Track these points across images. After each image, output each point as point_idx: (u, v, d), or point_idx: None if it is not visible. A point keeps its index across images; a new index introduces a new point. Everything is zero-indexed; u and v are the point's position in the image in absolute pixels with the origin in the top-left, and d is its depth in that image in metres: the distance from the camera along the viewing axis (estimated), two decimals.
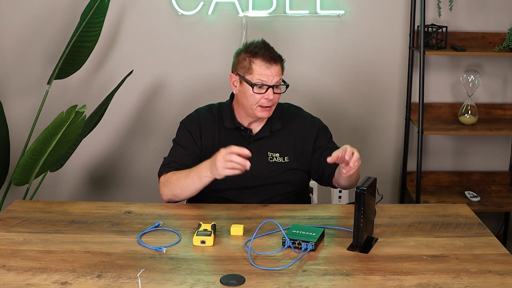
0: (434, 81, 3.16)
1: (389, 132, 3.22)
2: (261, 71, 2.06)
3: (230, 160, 1.87)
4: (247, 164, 1.86)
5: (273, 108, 2.12)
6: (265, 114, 2.11)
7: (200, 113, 2.23)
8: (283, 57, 2.13)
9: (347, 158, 1.86)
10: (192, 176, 2.02)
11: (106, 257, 1.67)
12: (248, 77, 2.08)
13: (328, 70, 3.11)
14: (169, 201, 2.11)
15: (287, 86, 2.13)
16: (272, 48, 2.12)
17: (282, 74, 2.13)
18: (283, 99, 2.33)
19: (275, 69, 2.07)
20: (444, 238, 1.80)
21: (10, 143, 2.91)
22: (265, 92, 2.06)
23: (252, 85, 2.06)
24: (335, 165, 2.14)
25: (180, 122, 2.24)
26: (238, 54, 2.14)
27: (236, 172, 1.88)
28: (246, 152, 1.87)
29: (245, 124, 2.18)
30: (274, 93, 2.07)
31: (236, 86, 2.14)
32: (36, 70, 3.08)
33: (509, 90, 3.19)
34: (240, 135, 2.18)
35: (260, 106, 2.08)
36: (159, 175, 2.16)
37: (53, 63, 2.93)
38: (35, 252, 1.69)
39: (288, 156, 2.17)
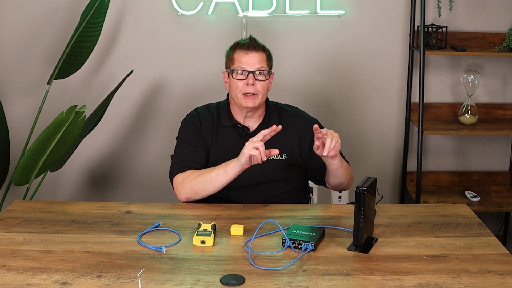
0: (434, 81, 3.16)
1: (389, 132, 3.22)
2: (240, 58, 2.12)
3: (257, 148, 1.92)
4: (265, 155, 1.93)
5: (259, 97, 2.12)
6: (250, 103, 2.11)
7: (199, 111, 2.24)
8: (266, 48, 2.16)
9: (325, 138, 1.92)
10: (217, 169, 2.03)
11: (106, 257, 1.67)
12: (231, 67, 2.14)
13: (328, 70, 3.11)
14: (186, 200, 2.10)
15: (270, 73, 2.16)
16: (255, 39, 2.17)
17: (269, 64, 2.16)
18: (285, 98, 2.34)
19: (255, 55, 2.11)
20: (444, 238, 1.80)
21: (10, 143, 2.91)
22: (246, 78, 2.10)
23: (232, 71, 2.11)
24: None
25: (182, 122, 2.25)
26: (226, 52, 2.21)
27: (257, 153, 1.91)
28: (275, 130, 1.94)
29: (241, 121, 2.19)
30: (255, 79, 2.10)
31: (227, 83, 2.20)
32: (36, 70, 3.08)
33: (509, 90, 3.19)
34: (237, 133, 2.19)
35: (243, 94, 2.11)
36: (173, 174, 2.14)
37: (53, 63, 2.94)
38: (35, 252, 1.69)
39: (286, 154, 2.18)
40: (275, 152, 1.94)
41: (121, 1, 3.01)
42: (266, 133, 1.94)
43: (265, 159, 1.93)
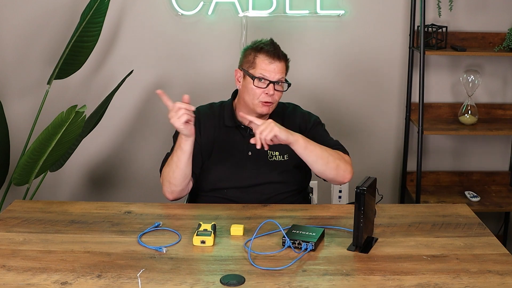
0: (434, 81, 3.16)
1: (389, 132, 3.22)
2: (264, 65, 2.09)
3: (178, 110, 1.93)
4: (190, 107, 1.94)
5: (274, 105, 2.13)
6: (265, 110, 2.11)
7: (200, 111, 2.23)
8: (288, 57, 2.15)
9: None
10: (175, 152, 2.05)
11: (106, 257, 1.67)
12: (251, 71, 2.11)
13: (328, 70, 3.12)
14: (173, 196, 2.10)
15: (289, 84, 2.14)
16: (278, 46, 2.14)
17: (286, 73, 2.15)
18: (285, 98, 2.34)
19: (278, 65, 2.09)
20: (444, 238, 1.80)
21: (10, 143, 2.91)
22: (266, 87, 2.08)
23: (253, 78, 2.08)
24: None
25: None
26: (245, 50, 2.18)
27: (186, 117, 1.92)
28: (185, 98, 1.94)
29: (245, 122, 2.18)
30: (275, 89, 2.09)
31: (240, 82, 2.17)
32: (36, 70, 3.08)
33: (509, 90, 3.19)
34: (240, 134, 2.19)
35: (260, 101, 2.10)
36: (161, 172, 2.16)
37: (53, 63, 2.93)
38: (35, 252, 1.69)
39: (287, 154, 2.18)
40: (186, 98, 1.95)
41: (121, 1, 3.01)
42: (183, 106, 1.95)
43: (193, 108, 1.94)
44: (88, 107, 2.36)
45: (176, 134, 2.22)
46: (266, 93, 2.08)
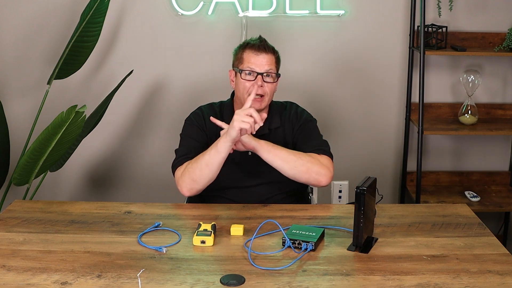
0: (434, 81, 3.16)
1: (389, 132, 3.22)
2: (251, 58, 2.11)
3: (249, 114, 1.93)
4: (259, 120, 1.95)
5: (266, 99, 2.13)
6: (256, 105, 2.11)
7: (203, 110, 2.25)
8: (276, 50, 2.17)
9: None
10: (209, 151, 2.03)
11: (106, 257, 1.67)
12: (240, 67, 2.14)
13: (328, 70, 3.11)
14: (191, 193, 2.08)
15: (278, 75, 2.15)
16: (265, 40, 2.17)
17: (277, 67, 2.16)
18: (285, 98, 2.34)
19: (264, 57, 2.11)
20: (444, 238, 1.80)
21: (10, 143, 2.91)
22: (254, 79, 2.09)
23: (241, 71, 2.11)
24: None
25: (186, 120, 2.25)
26: (235, 50, 2.21)
27: (248, 127, 1.93)
28: (260, 117, 1.96)
29: None
30: (264, 81, 2.09)
31: (233, 81, 2.19)
32: (36, 70, 3.08)
33: (509, 90, 3.19)
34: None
35: (250, 95, 2.09)
36: (175, 167, 2.13)
37: (53, 63, 2.94)
38: (35, 252, 1.69)
39: None
40: (263, 116, 1.99)
41: (121, 1, 3.01)
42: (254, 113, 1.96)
43: (254, 132, 1.96)
44: (88, 107, 2.36)
45: (187, 133, 2.22)
46: (256, 85, 2.09)
